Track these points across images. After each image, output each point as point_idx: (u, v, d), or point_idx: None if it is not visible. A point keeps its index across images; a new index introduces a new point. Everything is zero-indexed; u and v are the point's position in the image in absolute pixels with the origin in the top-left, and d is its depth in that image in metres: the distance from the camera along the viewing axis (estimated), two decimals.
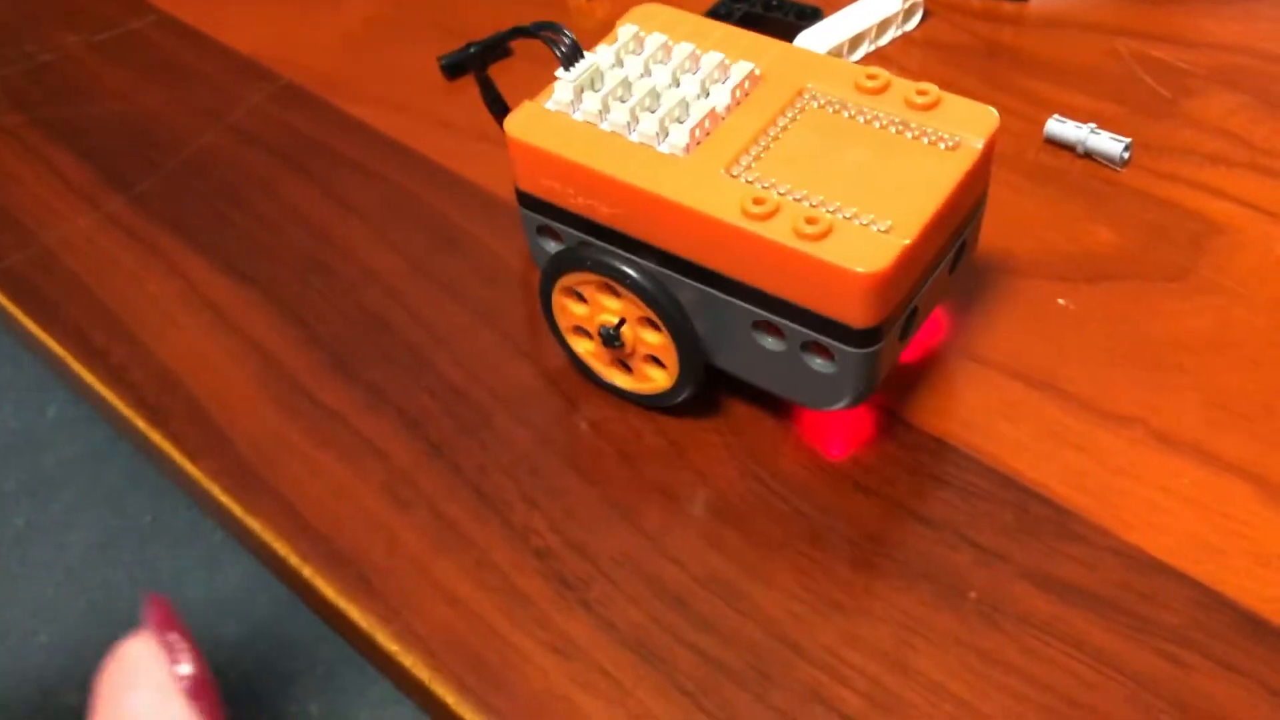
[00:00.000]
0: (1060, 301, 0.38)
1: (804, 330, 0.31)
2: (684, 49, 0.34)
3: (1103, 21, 0.49)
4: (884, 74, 0.33)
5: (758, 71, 0.34)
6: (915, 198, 0.30)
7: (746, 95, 0.33)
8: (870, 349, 0.30)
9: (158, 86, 0.51)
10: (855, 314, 0.29)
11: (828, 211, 0.30)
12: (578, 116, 0.33)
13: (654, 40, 0.35)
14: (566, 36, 0.34)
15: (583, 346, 0.36)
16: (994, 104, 0.33)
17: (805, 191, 0.30)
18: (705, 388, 0.35)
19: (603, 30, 0.36)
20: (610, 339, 0.34)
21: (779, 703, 0.30)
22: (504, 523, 0.34)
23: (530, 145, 0.33)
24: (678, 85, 0.33)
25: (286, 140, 0.48)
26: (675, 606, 0.32)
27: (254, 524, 0.36)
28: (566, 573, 0.33)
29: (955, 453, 0.35)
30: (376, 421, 0.37)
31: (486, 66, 0.37)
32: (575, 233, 0.34)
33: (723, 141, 0.32)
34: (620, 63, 0.34)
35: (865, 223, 0.29)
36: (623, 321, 0.34)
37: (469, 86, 0.49)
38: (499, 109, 0.38)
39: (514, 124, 0.33)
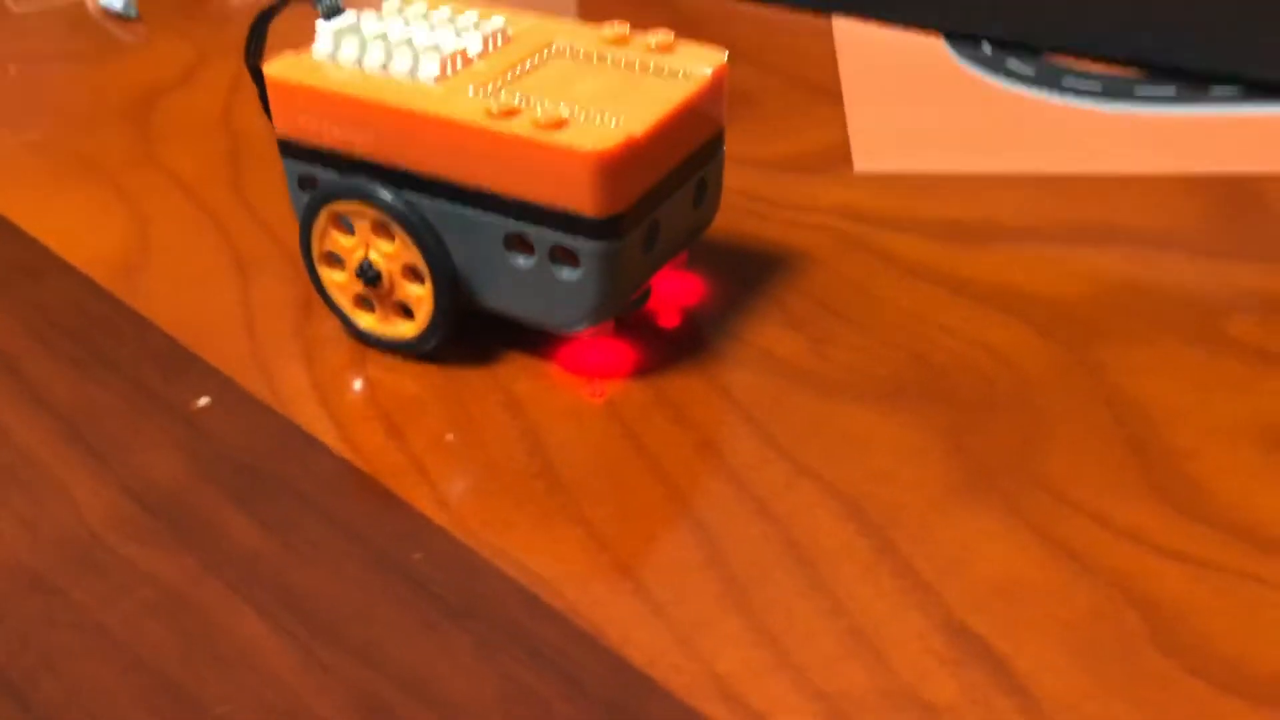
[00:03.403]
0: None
1: (550, 232, 0.33)
2: (442, 11, 0.37)
3: None
4: (627, 28, 0.37)
5: (509, 31, 0.37)
6: (647, 107, 0.33)
7: (498, 47, 0.36)
8: (612, 243, 0.32)
9: None
10: (591, 200, 0.32)
11: (566, 114, 0.32)
12: (338, 60, 0.35)
13: (415, 9, 0.37)
14: None
15: (335, 277, 0.39)
16: None
17: (547, 103, 0.33)
18: None
19: None
20: (365, 273, 0.35)
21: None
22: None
23: (290, 83, 0.35)
24: (433, 34, 0.36)
25: None
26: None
27: None
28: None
29: None
30: None
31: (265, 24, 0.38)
32: (334, 173, 0.35)
33: (473, 75, 0.34)
34: (381, 21, 0.37)
35: (599, 121, 0.32)
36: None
37: None
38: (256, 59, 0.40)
39: (274, 67, 0.35)
